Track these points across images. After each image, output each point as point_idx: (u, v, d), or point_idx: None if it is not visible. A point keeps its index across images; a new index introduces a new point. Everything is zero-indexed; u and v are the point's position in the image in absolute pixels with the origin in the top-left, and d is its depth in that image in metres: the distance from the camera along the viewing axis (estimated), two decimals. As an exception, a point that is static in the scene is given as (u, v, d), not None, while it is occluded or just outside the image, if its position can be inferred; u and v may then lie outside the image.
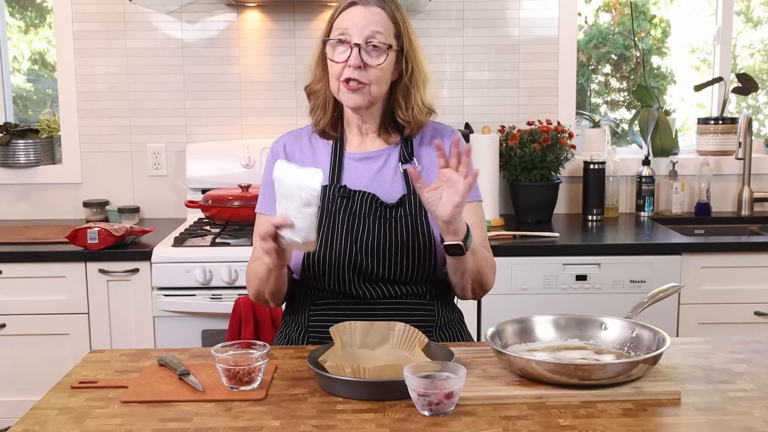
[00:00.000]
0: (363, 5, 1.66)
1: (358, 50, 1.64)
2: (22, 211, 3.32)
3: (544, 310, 1.70)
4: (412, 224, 1.69)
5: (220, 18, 3.24)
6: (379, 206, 1.69)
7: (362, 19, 1.65)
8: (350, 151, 1.77)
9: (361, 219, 1.69)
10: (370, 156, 1.76)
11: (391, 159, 1.76)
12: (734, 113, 3.54)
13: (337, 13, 1.68)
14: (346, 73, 1.65)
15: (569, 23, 3.28)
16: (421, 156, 1.77)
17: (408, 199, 1.71)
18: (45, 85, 3.60)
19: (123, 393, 1.43)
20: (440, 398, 1.28)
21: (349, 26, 1.65)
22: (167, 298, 2.63)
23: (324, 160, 1.76)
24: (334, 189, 1.71)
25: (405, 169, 1.73)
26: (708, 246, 2.77)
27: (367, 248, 1.67)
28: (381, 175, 1.74)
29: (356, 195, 1.70)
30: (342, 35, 1.65)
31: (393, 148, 1.77)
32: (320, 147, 1.79)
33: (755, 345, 1.67)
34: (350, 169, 1.75)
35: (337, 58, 1.66)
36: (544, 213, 3.14)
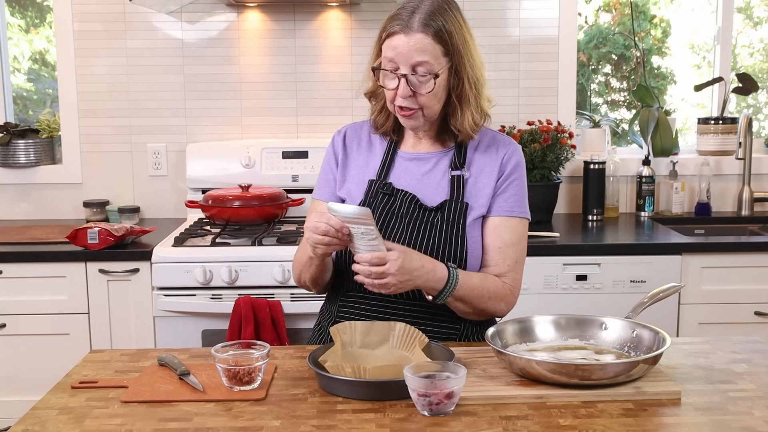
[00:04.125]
0: (405, 33, 1.61)
1: (405, 80, 1.62)
2: (22, 211, 3.32)
3: (544, 310, 1.70)
4: (448, 230, 1.68)
5: (220, 18, 3.24)
6: (419, 208, 1.70)
7: (406, 50, 1.61)
8: (404, 149, 1.78)
9: (398, 218, 1.70)
10: (421, 157, 1.76)
11: (441, 162, 1.75)
12: (734, 113, 3.54)
13: (384, 37, 1.65)
14: (397, 101, 1.65)
15: (569, 23, 3.28)
16: (473, 163, 1.75)
17: (449, 204, 1.70)
18: (45, 85, 3.60)
19: (123, 393, 1.43)
20: (440, 398, 1.28)
21: (394, 56, 1.62)
22: (167, 298, 2.63)
23: (377, 156, 1.79)
24: (379, 185, 1.73)
25: (454, 175, 1.73)
26: (708, 246, 2.77)
27: None
28: (428, 177, 1.74)
29: (398, 193, 1.71)
30: (389, 63, 1.64)
31: (446, 152, 1.76)
32: (377, 142, 1.81)
33: (755, 345, 1.67)
34: (400, 168, 1.76)
35: (388, 85, 1.66)
36: (544, 213, 3.14)
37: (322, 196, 1.82)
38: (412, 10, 1.63)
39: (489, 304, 1.68)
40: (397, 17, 1.64)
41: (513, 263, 1.72)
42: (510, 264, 1.72)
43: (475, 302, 1.66)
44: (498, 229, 1.72)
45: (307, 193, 3.13)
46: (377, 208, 1.71)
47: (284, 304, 2.59)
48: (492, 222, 1.73)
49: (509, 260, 1.72)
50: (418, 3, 1.64)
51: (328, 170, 1.83)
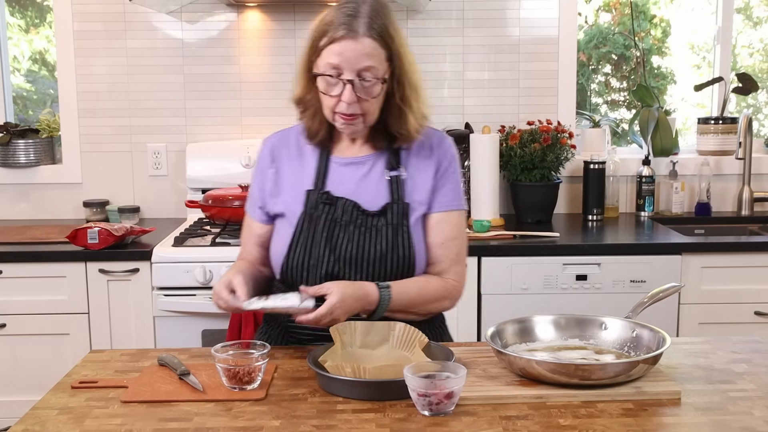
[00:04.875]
0: (352, 38, 1.57)
1: (351, 86, 1.58)
2: (22, 211, 3.32)
3: (544, 310, 1.70)
4: (393, 234, 1.67)
5: (220, 18, 3.24)
6: (361, 214, 1.67)
7: (354, 55, 1.57)
8: (337, 154, 1.74)
9: (341, 227, 1.66)
10: (356, 161, 1.73)
11: (377, 165, 1.73)
12: (734, 113, 3.54)
13: (326, 42, 1.59)
14: (340, 107, 1.61)
15: (569, 23, 3.28)
16: (409, 163, 1.73)
17: (391, 207, 1.68)
18: (45, 85, 3.60)
19: (123, 393, 1.43)
20: (440, 398, 1.28)
21: (340, 62, 1.57)
22: (167, 298, 2.63)
23: (311, 164, 1.74)
24: (318, 195, 1.69)
25: (391, 176, 1.71)
26: (708, 246, 2.77)
27: (345, 257, 1.65)
28: (366, 181, 1.71)
29: (338, 201, 1.68)
30: (332, 69, 1.59)
31: (380, 154, 1.73)
32: (308, 150, 1.75)
33: (755, 345, 1.67)
34: (335, 174, 1.72)
35: (329, 92, 1.61)
36: (544, 213, 3.14)
37: (254, 215, 1.78)
38: (352, 14, 1.59)
39: (431, 307, 1.71)
40: (339, 22, 1.58)
41: (455, 257, 1.73)
42: (452, 258, 1.72)
43: (415, 309, 1.68)
44: (440, 225, 1.72)
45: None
46: (319, 219, 1.67)
47: (284, 304, 2.58)
48: (433, 219, 1.73)
49: (451, 254, 1.72)
50: (357, 7, 1.60)
51: (256, 185, 1.78)
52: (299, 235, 1.68)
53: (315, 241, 1.66)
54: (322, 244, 1.66)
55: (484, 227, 2.83)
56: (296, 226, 1.68)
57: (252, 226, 1.79)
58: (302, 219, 1.68)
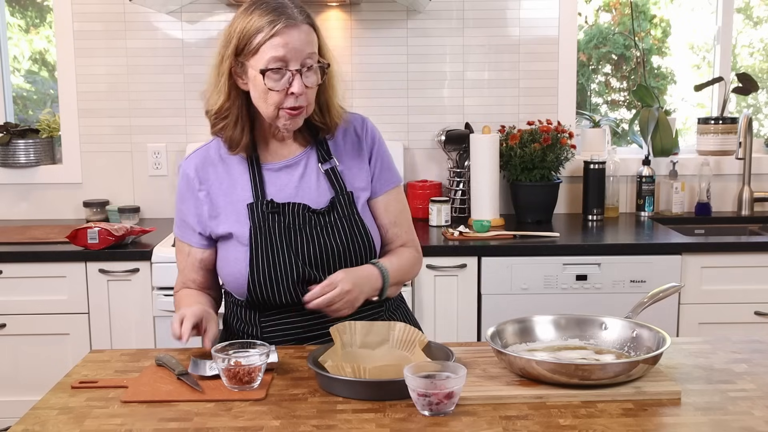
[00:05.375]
0: (294, 27, 1.55)
1: (300, 76, 1.57)
2: (22, 211, 3.32)
3: (544, 310, 1.70)
4: (348, 225, 1.67)
5: (220, 18, 3.24)
6: (312, 214, 1.66)
7: (299, 44, 1.56)
8: (267, 161, 1.70)
9: (297, 232, 1.65)
10: (289, 163, 1.70)
11: (310, 162, 1.71)
12: (734, 113, 3.54)
13: (264, 38, 1.55)
14: (288, 102, 1.58)
15: (569, 23, 3.28)
16: (339, 152, 1.73)
17: (338, 200, 1.68)
18: (45, 85, 3.60)
19: (123, 393, 1.43)
20: (440, 398, 1.28)
21: (286, 53, 1.55)
22: (167, 297, 2.63)
23: (242, 177, 1.69)
24: (262, 205, 1.65)
25: (326, 169, 1.70)
26: (708, 246, 2.77)
27: (311, 259, 1.64)
28: (305, 182, 1.69)
29: (286, 208, 1.65)
30: (279, 62, 1.55)
31: (309, 151, 1.72)
32: (234, 163, 1.70)
33: (755, 345, 1.67)
34: (272, 181, 1.68)
35: (277, 86, 1.57)
36: (544, 213, 3.14)
37: (188, 239, 1.73)
38: (279, 6, 1.57)
39: (410, 274, 1.80)
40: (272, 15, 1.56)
41: (408, 227, 1.80)
42: (407, 229, 1.79)
43: (403, 279, 1.76)
44: (388, 205, 1.76)
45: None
46: (272, 229, 1.63)
47: (284, 304, 2.58)
48: (380, 201, 1.75)
49: (406, 227, 1.79)
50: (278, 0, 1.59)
51: (188, 211, 1.71)
52: (257, 251, 1.63)
53: (276, 252, 1.63)
54: (284, 253, 1.63)
55: (484, 227, 2.83)
56: (250, 242, 1.64)
57: (191, 252, 1.73)
58: (254, 234, 1.64)
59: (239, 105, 1.65)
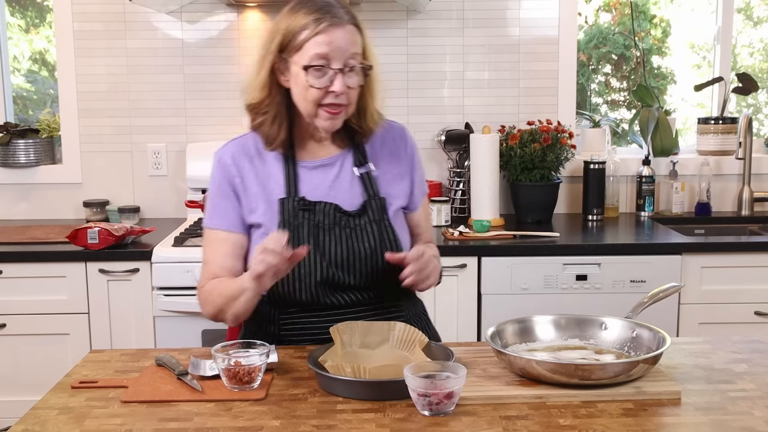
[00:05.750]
0: (340, 26, 1.57)
1: (341, 75, 1.57)
2: (22, 211, 3.32)
3: (544, 310, 1.70)
4: (378, 231, 1.67)
5: (220, 18, 3.24)
6: (342, 215, 1.66)
7: (344, 43, 1.57)
8: (303, 159, 1.70)
9: (326, 231, 1.64)
10: (325, 163, 1.70)
11: (345, 164, 1.71)
12: (734, 113, 3.54)
13: (309, 35, 1.57)
14: (328, 99, 1.58)
15: (569, 23, 3.28)
16: (375, 157, 1.74)
17: (369, 205, 1.68)
18: (45, 85, 3.60)
19: (123, 393, 1.43)
20: (440, 398, 1.28)
21: (330, 51, 1.56)
22: (167, 297, 2.63)
23: (276, 172, 1.69)
24: (294, 202, 1.65)
25: (361, 173, 1.71)
26: (708, 246, 2.77)
27: (337, 260, 1.63)
28: (338, 183, 1.69)
29: (317, 206, 1.65)
30: (322, 60, 1.56)
31: (346, 153, 1.72)
32: (269, 157, 1.70)
33: (755, 345, 1.67)
34: (306, 179, 1.68)
35: (318, 84, 1.57)
36: (544, 213, 3.14)
37: (222, 224, 1.69)
38: (326, 3, 1.59)
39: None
40: (320, 11, 1.57)
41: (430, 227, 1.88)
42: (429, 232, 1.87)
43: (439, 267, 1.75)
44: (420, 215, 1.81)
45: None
46: (302, 226, 1.63)
47: (284, 304, 2.58)
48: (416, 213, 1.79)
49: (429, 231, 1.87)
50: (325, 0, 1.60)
51: (225, 197, 1.69)
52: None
53: None
54: (311, 252, 1.62)
55: (484, 227, 2.83)
56: None
57: (228, 238, 1.70)
58: (283, 227, 1.63)
59: (279, 101, 1.65)
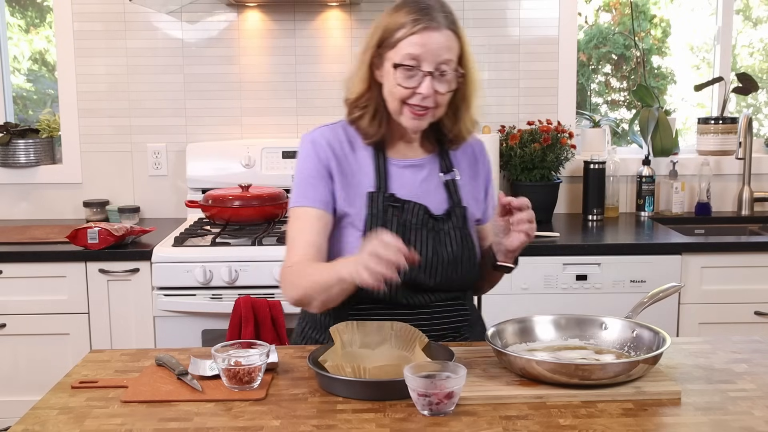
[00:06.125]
0: (435, 29, 1.57)
1: (430, 78, 1.58)
2: (22, 211, 3.32)
3: (544, 310, 1.70)
4: (461, 236, 1.68)
5: (220, 18, 3.24)
6: (430, 217, 1.67)
7: (436, 46, 1.57)
8: (395, 157, 1.71)
9: (413, 230, 1.65)
10: (415, 164, 1.71)
11: (433, 168, 1.73)
12: (734, 113, 3.54)
13: (405, 34, 1.57)
14: (414, 99, 1.59)
15: (569, 23, 3.28)
16: (459, 167, 1.76)
17: (454, 211, 1.70)
18: (45, 85, 3.60)
19: (123, 393, 1.43)
20: (440, 398, 1.28)
21: (422, 53, 1.56)
22: (167, 297, 2.63)
23: (367, 164, 1.69)
24: (385, 197, 1.65)
25: (446, 180, 1.72)
26: (708, 246, 2.77)
27: (421, 261, 1.63)
28: (427, 185, 1.71)
29: (406, 205, 1.66)
30: (413, 60, 1.57)
31: (433, 158, 1.74)
32: (360, 148, 1.70)
33: (755, 345, 1.67)
34: (396, 177, 1.69)
35: (407, 83, 1.58)
36: (544, 213, 3.14)
37: (316, 203, 1.65)
38: (427, 7, 1.59)
39: None
40: (419, 12, 1.58)
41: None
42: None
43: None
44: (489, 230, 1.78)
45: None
46: (390, 222, 1.63)
47: (284, 304, 2.58)
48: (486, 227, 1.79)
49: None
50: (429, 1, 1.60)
51: (320, 177, 1.66)
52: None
53: None
54: None
55: (484, 227, 2.83)
56: (365, 227, 1.63)
57: (322, 217, 1.64)
58: (369, 222, 1.63)
59: (377, 97, 1.66)
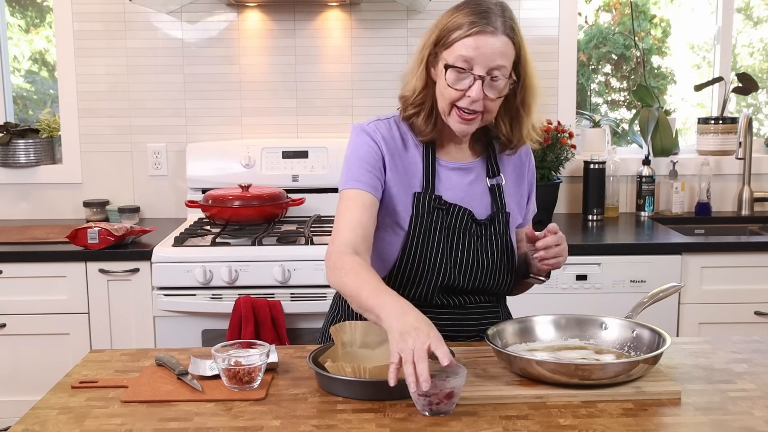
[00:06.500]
0: (491, 34, 1.55)
1: (481, 83, 1.55)
2: (22, 211, 3.32)
3: (544, 310, 1.70)
4: (502, 243, 1.69)
5: (220, 18, 3.24)
6: (474, 223, 1.67)
7: (490, 51, 1.55)
8: (444, 158, 1.69)
9: (457, 235, 1.65)
10: (464, 167, 1.70)
11: (480, 172, 1.72)
12: (734, 113, 3.54)
13: (460, 35, 1.56)
14: (463, 102, 1.57)
15: (569, 23, 3.28)
16: (505, 172, 1.75)
17: (497, 217, 1.69)
18: (45, 85, 3.60)
19: (123, 393, 1.43)
20: (440, 398, 1.28)
21: (475, 56, 1.54)
22: (167, 297, 2.63)
23: (416, 162, 1.67)
24: (431, 198, 1.65)
25: (492, 184, 1.71)
26: (708, 246, 2.77)
27: (461, 265, 1.64)
28: (473, 189, 1.70)
29: (452, 209, 1.65)
30: (465, 63, 1.55)
31: (482, 161, 1.73)
32: (411, 146, 1.68)
33: (755, 345, 1.67)
34: (444, 178, 1.68)
35: (457, 85, 1.57)
36: (544, 213, 3.13)
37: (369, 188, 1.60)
38: (486, 10, 1.57)
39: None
40: (477, 15, 1.56)
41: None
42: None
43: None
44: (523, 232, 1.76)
45: (308, 193, 3.13)
46: (434, 225, 1.63)
47: (284, 304, 2.59)
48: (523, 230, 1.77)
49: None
50: (489, 5, 1.58)
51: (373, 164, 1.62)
52: (413, 241, 1.63)
53: (432, 248, 1.63)
54: (439, 252, 1.63)
55: (484, 227, 2.83)
56: (409, 228, 1.63)
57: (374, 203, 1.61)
58: (413, 223, 1.63)
59: (432, 95, 1.64)
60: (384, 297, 1.40)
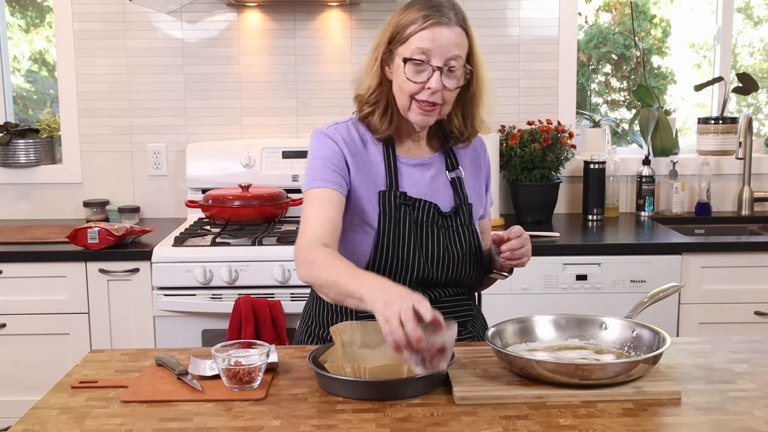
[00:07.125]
0: (446, 25, 1.59)
1: (440, 74, 1.59)
2: (22, 211, 3.32)
3: (544, 310, 1.70)
4: (468, 233, 1.72)
5: (220, 18, 3.24)
6: (439, 215, 1.70)
7: (446, 41, 1.58)
8: (404, 155, 1.72)
9: (425, 228, 1.68)
10: (424, 162, 1.73)
11: (440, 166, 1.76)
12: (734, 113, 3.54)
13: (415, 29, 1.59)
14: (423, 95, 1.60)
15: (569, 23, 3.28)
16: (462, 164, 1.78)
17: (461, 209, 1.73)
18: (45, 85, 3.60)
19: (123, 393, 1.43)
20: (432, 353, 1.28)
21: (432, 48, 1.58)
22: (167, 297, 2.63)
23: (378, 161, 1.70)
24: (397, 196, 1.67)
25: (452, 177, 1.75)
26: (708, 246, 2.77)
27: (433, 258, 1.67)
28: (435, 183, 1.73)
29: (418, 203, 1.68)
30: (422, 55, 1.59)
31: (440, 156, 1.77)
32: (371, 145, 1.71)
33: (755, 345, 1.67)
34: (406, 174, 1.71)
35: (416, 78, 1.60)
36: (544, 213, 3.14)
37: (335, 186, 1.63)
38: (439, 4, 1.61)
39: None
40: (430, 9, 1.59)
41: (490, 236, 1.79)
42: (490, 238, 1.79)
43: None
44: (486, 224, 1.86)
45: (307, 193, 3.13)
46: (403, 220, 1.66)
47: (284, 304, 2.59)
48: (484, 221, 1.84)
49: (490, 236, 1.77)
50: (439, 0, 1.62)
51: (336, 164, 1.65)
52: (383, 239, 1.65)
53: (402, 244, 1.65)
54: (410, 247, 1.66)
55: (484, 227, 2.83)
56: (379, 226, 1.65)
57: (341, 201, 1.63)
58: (382, 221, 1.65)
59: (387, 93, 1.67)
60: (362, 279, 1.42)
